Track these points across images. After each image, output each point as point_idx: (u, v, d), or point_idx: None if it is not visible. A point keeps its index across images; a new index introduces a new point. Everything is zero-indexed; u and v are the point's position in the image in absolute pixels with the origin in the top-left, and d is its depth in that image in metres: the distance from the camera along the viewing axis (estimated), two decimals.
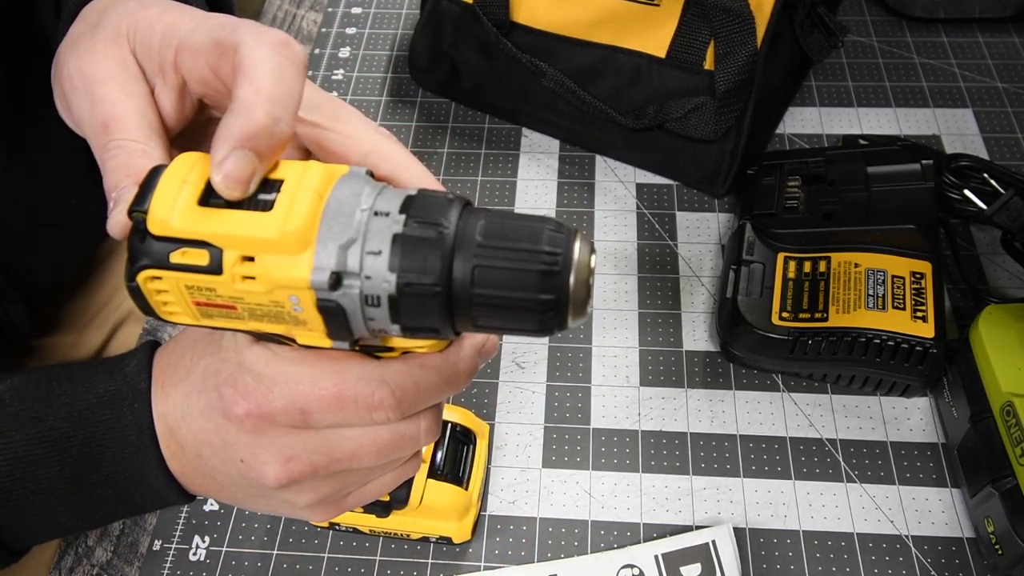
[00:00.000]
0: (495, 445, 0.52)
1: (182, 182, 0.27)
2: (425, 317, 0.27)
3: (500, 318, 0.27)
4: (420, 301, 0.27)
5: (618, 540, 0.48)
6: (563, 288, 0.26)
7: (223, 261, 0.27)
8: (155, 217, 0.27)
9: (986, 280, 0.57)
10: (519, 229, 0.27)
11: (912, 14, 0.73)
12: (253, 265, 0.27)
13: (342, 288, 0.27)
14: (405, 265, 0.26)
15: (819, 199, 0.56)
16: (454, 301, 0.27)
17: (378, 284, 0.27)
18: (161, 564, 0.49)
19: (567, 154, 0.67)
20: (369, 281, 0.27)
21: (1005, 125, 0.66)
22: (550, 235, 0.27)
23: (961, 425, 0.48)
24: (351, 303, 0.27)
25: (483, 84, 0.67)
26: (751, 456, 0.51)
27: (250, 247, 0.27)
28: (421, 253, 0.26)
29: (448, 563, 0.48)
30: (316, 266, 0.26)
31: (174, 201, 0.27)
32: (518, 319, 0.27)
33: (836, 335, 0.49)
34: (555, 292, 0.26)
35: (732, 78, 0.56)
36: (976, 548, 0.47)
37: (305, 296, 0.27)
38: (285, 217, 0.26)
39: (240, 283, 0.27)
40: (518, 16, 0.62)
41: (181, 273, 0.27)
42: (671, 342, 0.56)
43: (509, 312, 0.27)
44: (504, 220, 0.27)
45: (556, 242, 0.27)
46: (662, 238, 0.61)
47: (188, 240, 0.27)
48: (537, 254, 0.26)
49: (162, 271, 0.28)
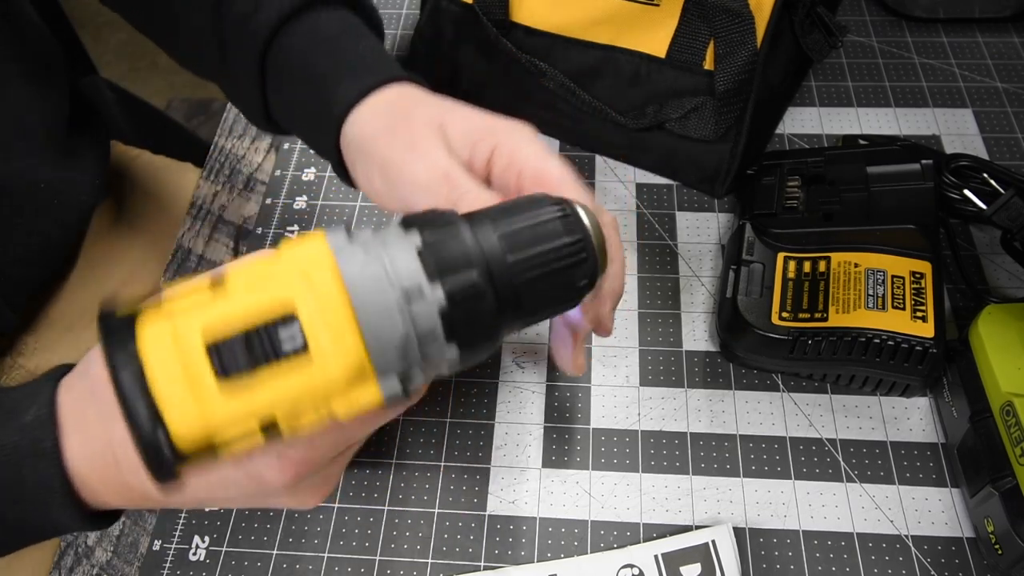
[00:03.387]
0: (495, 445, 0.52)
1: (182, 366, 0.22)
2: (478, 321, 0.28)
3: (542, 284, 0.30)
4: (472, 304, 0.27)
5: (618, 540, 0.48)
6: (582, 227, 0.30)
7: (280, 427, 0.24)
8: (181, 431, 0.22)
9: (986, 280, 0.57)
10: (519, 204, 0.30)
11: (912, 14, 0.73)
12: (313, 413, 0.24)
13: (412, 382, 0.26)
14: (462, 337, 0.27)
15: (819, 199, 0.56)
16: (499, 290, 0.28)
17: (440, 363, 0.27)
18: (161, 564, 0.49)
19: (567, 154, 0.67)
20: (431, 360, 0.27)
21: (1005, 125, 0.66)
22: (548, 197, 0.30)
23: (961, 425, 0.48)
24: (419, 375, 0.27)
25: (483, 84, 0.67)
26: (751, 456, 0.51)
27: (306, 404, 0.24)
28: (473, 313, 0.27)
29: (448, 563, 0.48)
30: (384, 386, 0.25)
31: (189, 396, 0.22)
32: (559, 275, 0.30)
33: (836, 335, 0.49)
34: (578, 233, 0.30)
35: (732, 78, 0.56)
36: (976, 548, 0.47)
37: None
38: (333, 360, 0.23)
39: (303, 430, 0.25)
40: (518, 16, 0.62)
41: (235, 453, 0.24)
42: (671, 342, 0.56)
43: (548, 270, 0.29)
44: (501, 205, 0.30)
45: (555, 200, 0.30)
46: (662, 238, 0.61)
47: (232, 434, 0.23)
48: (546, 208, 0.30)
49: (213, 465, 0.24)
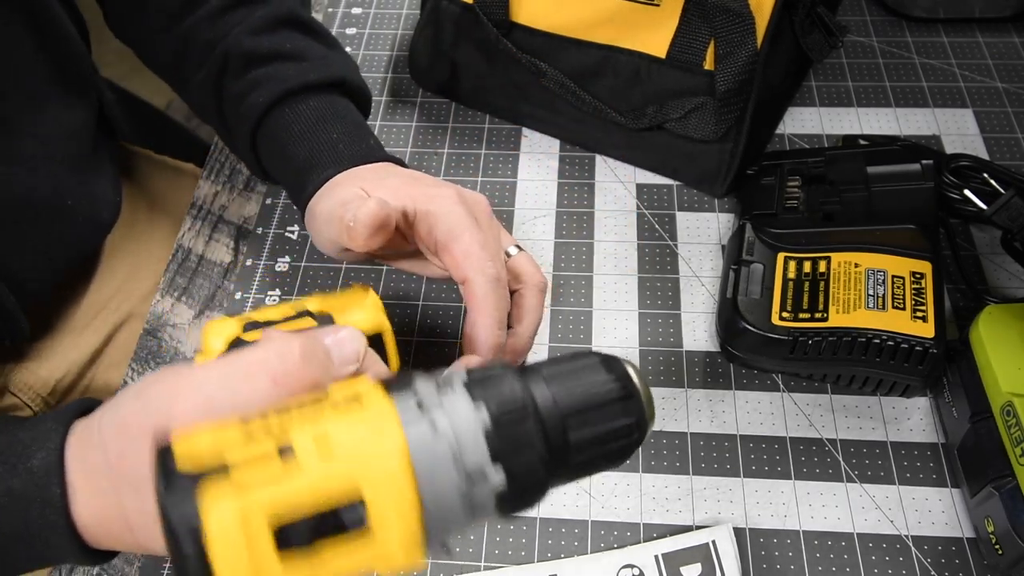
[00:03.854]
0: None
1: (247, 547, 0.20)
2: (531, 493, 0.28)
3: (596, 460, 0.30)
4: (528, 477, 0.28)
5: (618, 540, 0.48)
6: (641, 438, 0.30)
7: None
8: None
9: (986, 280, 0.57)
10: (595, 416, 0.29)
11: (912, 14, 0.73)
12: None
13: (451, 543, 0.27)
14: (509, 508, 0.27)
15: (819, 199, 0.56)
16: (554, 462, 0.28)
17: (487, 506, 0.27)
18: (161, 564, 0.49)
19: (567, 154, 0.67)
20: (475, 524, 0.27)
21: (1005, 125, 0.66)
22: (624, 407, 0.30)
23: (961, 425, 0.48)
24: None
25: (483, 84, 0.67)
26: (751, 456, 0.51)
27: (362, 572, 0.24)
28: (528, 490, 0.27)
29: (448, 563, 0.48)
30: (430, 552, 0.26)
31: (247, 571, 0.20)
32: (605, 470, 0.31)
33: (836, 335, 0.49)
34: (634, 415, 0.30)
35: (732, 78, 0.56)
36: (976, 548, 0.47)
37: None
38: (397, 541, 0.23)
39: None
40: (518, 16, 0.62)
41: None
42: (671, 342, 0.56)
43: (604, 449, 0.30)
44: (574, 397, 0.29)
45: (629, 410, 0.30)
46: (662, 238, 0.61)
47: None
48: (606, 383, 0.30)
49: None
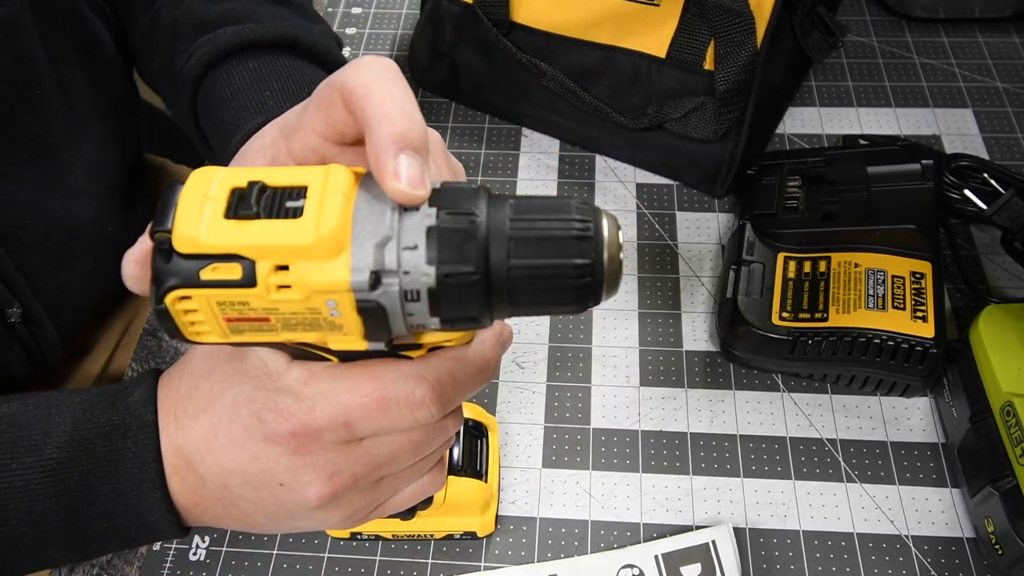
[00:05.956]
0: None
1: (204, 197, 0.27)
2: (465, 306, 0.27)
3: (538, 294, 0.28)
4: (460, 290, 0.27)
5: (618, 540, 0.48)
6: (598, 251, 0.27)
7: (256, 273, 0.26)
8: (181, 235, 0.26)
9: (986, 280, 0.57)
10: (547, 205, 0.28)
11: (912, 14, 0.73)
12: (288, 274, 0.26)
13: (381, 287, 0.27)
14: (443, 257, 0.27)
15: (819, 199, 0.56)
16: (492, 285, 0.27)
17: (417, 279, 0.27)
18: (161, 564, 0.49)
19: (567, 154, 0.67)
20: (408, 276, 0.27)
21: (1005, 125, 0.66)
22: (578, 206, 0.28)
23: (961, 425, 0.48)
24: (391, 301, 0.27)
25: (483, 84, 0.67)
26: (751, 456, 0.51)
27: (284, 255, 0.26)
28: (457, 243, 0.27)
29: (448, 563, 0.48)
30: (354, 267, 0.26)
31: (199, 217, 0.26)
32: (555, 292, 0.28)
33: (836, 335, 0.49)
34: (590, 256, 0.27)
35: (732, 78, 0.56)
36: (976, 548, 0.47)
37: (344, 299, 0.27)
38: (317, 222, 0.26)
39: (275, 293, 0.27)
40: (518, 16, 0.62)
41: (212, 290, 0.27)
42: (671, 342, 0.56)
43: (546, 284, 0.28)
44: (531, 200, 0.28)
45: (585, 212, 0.28)
46: (662, 238, 0.61)
47: (218, 255, 0.26)
48: (569, 221, 0.27)
49: (192, 290, 0.27)
